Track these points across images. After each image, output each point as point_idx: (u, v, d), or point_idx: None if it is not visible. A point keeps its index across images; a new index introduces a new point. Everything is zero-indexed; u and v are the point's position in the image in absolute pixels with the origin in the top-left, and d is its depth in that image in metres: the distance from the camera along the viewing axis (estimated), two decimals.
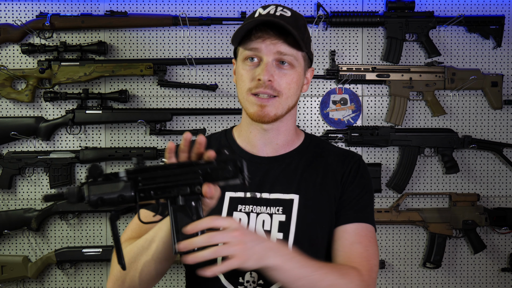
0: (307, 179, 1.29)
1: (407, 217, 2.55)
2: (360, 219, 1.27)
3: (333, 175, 1.30)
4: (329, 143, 1.41)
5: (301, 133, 1.38)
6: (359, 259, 1.21)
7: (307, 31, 1.26)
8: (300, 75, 1.25)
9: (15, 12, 2.56)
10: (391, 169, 2.61)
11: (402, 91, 2.56)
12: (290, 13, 1.22)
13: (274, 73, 1.20)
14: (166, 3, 2.57)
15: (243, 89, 1.23)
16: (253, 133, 1.30)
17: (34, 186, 2.58)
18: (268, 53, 1.19)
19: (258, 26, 1.19)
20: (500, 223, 2.57)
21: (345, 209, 1.27)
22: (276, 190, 1.26)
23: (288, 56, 1.20)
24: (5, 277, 2.49)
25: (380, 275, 2.64)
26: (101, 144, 2.58)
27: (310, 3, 2.59)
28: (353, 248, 1.22)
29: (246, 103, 1.24)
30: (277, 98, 1.22)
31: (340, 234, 1.25)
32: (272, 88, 1.20)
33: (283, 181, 1.27)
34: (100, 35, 2.57)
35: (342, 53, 2.61)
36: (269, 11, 1.21)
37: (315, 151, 1.35)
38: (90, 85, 2.57)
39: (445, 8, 2.61)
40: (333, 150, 1.36)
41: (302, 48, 1.21)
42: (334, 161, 1.32)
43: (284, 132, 1.30)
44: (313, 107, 2.61)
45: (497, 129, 2.64)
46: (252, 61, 1.21)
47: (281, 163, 1.30)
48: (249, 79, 1.22)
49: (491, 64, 2.63)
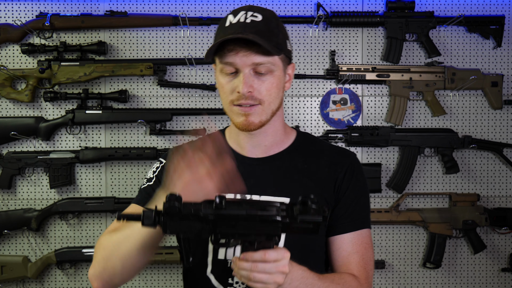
0: (298, 182, 1.27)
1: (407, 217, 2.55)
2: (357, 226, 1.29)
3: (327, 179, 1.28)
4: (322, 141, 1.39)
5: (292, 132, 1.37)
6: (357, 268, 1.25)
7: (281, 31, 1.24)
8: (280, 78, 1.23)
9: (15, 12, 2.56)
10: (391, 169, 2.61)
11: (402, 91, 2.56)
12: (261, 17, 1.19)
13: (253, 83, 1.19)
14: (166, 3, 2.57)
15: (225, 100, 1.23)
16: (241, 136, 1.31)
17: (34, 186, 2.58)
18: (244, 65, 1.18)
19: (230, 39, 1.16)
20: (500, 223, 2.57)
21: (342, 218, 1.28)
22: (267, 192, 1.25)
23: (264, 66, 1.18)
24: (5, 277, 2.49)
25: (380, 275, 2.64)
26: (101, 144, 2.58)
27: (310, 3, 2.59)
28: (350, 259, 1.26)
29: (230, 113, 1.24)
30: (259, 105, 1.21)
31: (338, 245, 1.28)
32: (253, 98, 1.19)
33: (274, 184, 1.26)
34: (100, 35, 2.57)
35: (342, 53, 2.61)
36: (239, 19, 1.18)
37: (307, 150, 1.33)
38: (90, 85, 2.57)
39: (445, 8, 2.61)
40: (327, 150, 1.35)
41: (277, 53, 1.19)
42: (327, 163, 1.31)
43: (271, 134, 1.30)
44: (313, 107, 2.61)
45: (497, 129, 2.64)
46: (230, 72, 1.20)
47: (271, 164, 1.29)
48: (230, 91, 1.21)
49: (491, 64, 2.63)
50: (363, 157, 2.61)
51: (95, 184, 2.58)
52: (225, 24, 1.20)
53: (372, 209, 2.56)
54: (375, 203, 2.62)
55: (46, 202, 2.57)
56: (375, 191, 2.56)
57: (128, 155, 2.50)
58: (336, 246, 1.28)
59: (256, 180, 1.27)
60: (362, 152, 2.61)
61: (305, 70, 2.60)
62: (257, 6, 1.24)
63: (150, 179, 1.33)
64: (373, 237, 2.63)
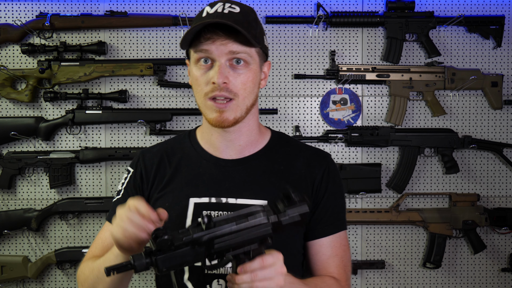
0: (275, 184, 1.24)
1: (407, 217, 2.55)
2: (335, 229, 1.27)
3: (304, 182, 1.26)
4: (297, 141, 1.36)
5: (266, 131, 1.33)
6: (337, 270, 1.25)
7: (259, 25, 1.22)
8: (256, 72, 1.20)
9: (15, 12, 2.56)
10: (391, 169, 2.61)
11: (402, 91, 2.56)
12: (239, 9, 1.17)
13: (228, 74, 1.15)
14: (166, 3, 2.57)
15: (199, 93, 1.19)
16: (214, 135, 1.26)
17: (34, 186, 2.58)
18: (220, 54, 1.15)
19: (207, 27, 1.14)
20: (500, 223, 2.57)
21: (321, 223, 1.26)
22: (243, 195, 1.22)
23: (242, 54, 1.15)
24: (5, 277, 2.49)
25: (380, 275, 2.64)
26: (101, 144, 2.58)
27: (310, 3, 2.59)
28: (330, 262, 1.26)
29: (204, 108, 1.20)
30: (233, 101, 1.17)
31: (316, 249, 1.26)
32: (227, 90, 1.15)
33: (250, 186, 1.23)
34: (100, 35, 2.57)
35: (342, 53, 2.61)
36: (217, 9, 1.16)
37: (283, 151, 1.30)
38: (90, 85, 2.57)
39: (445, 8, 2.61)
40: (303, 150, 1.31)
41: (254, 44, 1.16)
42: (304, 164, 1.28)
43: (246, 133, 1.26)
44: (313, 107, 2.61)
45: (497, 129, 2.64)
46: (205, 63, 1.17)
47: (246, 166, 1.25)
48: (204, 83, 1.17)
49: (491, 64, 2.63)
50: (363, 157, 2.61)
51: (95, 184, 2.58)
52: (202, 15, 1.18)
53: (372, 209, 2.56)
54: (375, 203, 2.62)
55: (46, 202, 2.57)
56: (375, 191, 2.56)
57: (128, 155, 2.50)
58: (315, 250, 1.26)
59: (231, 183, 1.23)
60: (362, 152, 2.61)
61: (305, 70, 2.60)
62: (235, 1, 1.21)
63: (119, 191, 1.30)
64: (373, 237, 2.63)
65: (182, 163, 1.27)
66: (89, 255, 1.27)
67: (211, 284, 1.20)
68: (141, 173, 1.28)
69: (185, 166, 1.27)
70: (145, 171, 1.28)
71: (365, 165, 2.56)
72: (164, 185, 1.26)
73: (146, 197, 1.26)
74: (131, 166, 1.32)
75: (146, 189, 1.27)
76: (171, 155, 1.29)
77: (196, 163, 1.27)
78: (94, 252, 1.26)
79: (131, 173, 1.30)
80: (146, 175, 1.27)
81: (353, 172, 2.54)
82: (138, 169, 1.29)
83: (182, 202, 1.22)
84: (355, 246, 2.63)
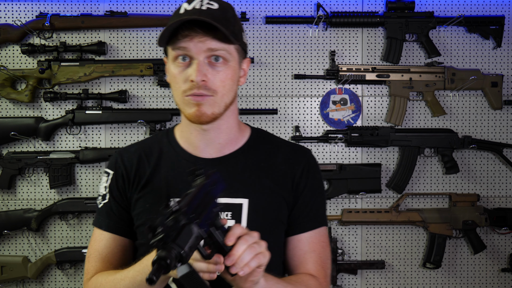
0: (256, 182, 1.23)
1: (407, 217, 2.55)
2: (315, 225, 1.26)
3: (284, 178, 1.25)
4: (277, 137, 1.34)
5: (246, 129, 1.31)
6: (315, 267, 1.23)
7: (238, 22, 1.20)
8: (235, 70, 1.18)
9: (15, 12, 2.56)
10: (391, 169, 2.61)
11: (402, 91, 2.56)
12: (218, 5, 1.15)
13: (207, 72, 1.13)
14: (166, 3, 2.57)
15: (178, 91, 1.16)
16: (194, 134, 1.24)
17: (34, 187, 2.58)
18: (198, 51, 1.12)
19: (184, 25, 1.12)
20: (500, 224, 2.57)
21: (300, 218, 1.25)
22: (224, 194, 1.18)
23: (220, 51, 1.13)
24: (5, 278, 2.49)
25: (380, 275, 2.64)
26: (101, 144, 2.58)
27: (310, 3, 2.59)
28: (307, 257, 1.24)
29: (182, 105, 1.17)
30: (212, 97, 1.15)
31: (294, 244, 1.25)
32: (206, 88, 1.13)
33: (231, 185, 1.19)
34: (100, 35, 2.57)
35: (342, 53, 2.61)
36: (195, 6, 1.14)
37: (263, 147, 1.28)
38: (90, 85, 2.57)
39: (445, 8, 2.61)
40: (283, 147, 1.30)
41: (233, 41, 1.14)
42: (284, 160, 1.27)
43: (225, 130, 1.24)
44: (313, 107, 2.61)
45: (497, 129, 2.64)
46: (183, 61, 1.14)
47: (226, 164, 1.23)
48: (182, 81, 1.15)
49: (491, 64, 2.63)
50: (363, 157, 2.61)
51: (95, 184, 2.58)
52: (180, 11, 1.16)
53: (372, 209, 2.56)
54: (375, 203, 2.62)
55: (46, 202, 2.57)
56: (375, 191, 2.56)
57: None
58: (293, 245, 1.25)
59: None
60: (362, 152, 2.61)
61: (305, 70, 2.60)
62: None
63: (104, 195, 1.27)
64: (373, 237, 2.63)
65: (161, 162, 1.25)
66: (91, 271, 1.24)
67: None
68: (122, 174, 1.26)
69: (165, 166, 1.24)
70: (125, 172, 1.25)
71: (365, 165, 2.56)
72: (143, 185, 1.23)
73: (128, 198, 1.25)
74: (109, 168, 1.29)
75: (129, 190, 1.25)
76: (149, 155, 1.27)
77: (175, 162, 1.25)
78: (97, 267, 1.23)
79: (112, 175, 1.27)
80: (127, 175, 1.25)
81: (353, 172, 2.54)
82: (119, 171, 1.26)
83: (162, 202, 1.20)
84: (355, 246, 2.63)
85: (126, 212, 1.26)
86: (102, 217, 1.27)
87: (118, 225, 1.26)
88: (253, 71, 2.59)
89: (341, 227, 2.62)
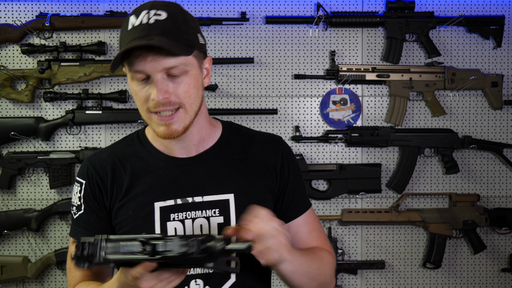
0: (238, 175, 1.22)
1: (407, 217, 2.55)
2: (305, 207, 1.31)
3: (265, 167, 1.25)
4: (248, 128, 1.33)
5: (217, 123, 1.29)
6: (321, 241, 1.31)
7: (190, 26, 1.13)
8: (197, 76, 1.14)
9: (15, 12, 2.56)
10: (391, 169, 2.61)
11: (402, 91, 2.56)
12: (166, 14, 1.09)
13: (168, 87, 1.09)
14: None
15: (141, 108, 1.13)
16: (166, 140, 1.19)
17: (34, 187, 2.58)
18: (154, 71, 1.07)
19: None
20: (500, 224, 2.57)
21: (292, 204, 1.28)
22: (209, 192, 1.19)
23: (177, 68, 1.09)
24: (5, 278, 2.49)
25: (380, 275, 2.64)
26: (101, 144, 2.58)
27: (310, 3, 2.59)
28: (311, 237, 1.30)
29: (149, 122, 1.14)
30: (180, 109, 1.12)
31: (295, 229, 1.28)
32: (171, 103, 1.10)
33: (214, 182, 1.20)
34: (100, 35, 2.57)
35: (342, 53, 2.61)
36: (142, 21, 1.08)
37: (238, 140, 1.27)
38: (90, 85, 2.57)
39: (445, 8, 2.61)
40: (256, 137, 1.29)
41: (187, 52, 1.09)
42: (261, 150, 1.26)
43: (197, 132, 1.21)
44: (313, 107, 2.61)
45: (497, 129, 2.64)
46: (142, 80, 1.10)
47: (206, 161, 1.22)
48: (144, 99, 1.11)
49: (491, 64, 2.63)
50: (363, 157, 2.61)
51: None
52: (127, 27, 1.10)
53: (372, 209, 2.56)
54: (375, 203, 2.62)
55: (46, 202, 2.57)
56: (375, 191, 2.56)
57: None
58: (295, 230, 1.27)
59: (194, 181, 1.20)
60: (362, 152, 2.61)
61: (305, 70, 2.60)
62: (160, 2, 1.12)
63: (79, 206, 1.23)
64: (373, 237, 2.63)
65: (138, 167, 1.21)
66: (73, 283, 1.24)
67: (189, 285, 1.17)
68: (97, 183, 1.21)
69: (143, 171, 1.21)
70: (100, 181, 1.21)
71: (365, 165, 2.56)
72: (124, 193, 1.20)
73: (107, 208, 1.22)
74: (80, 177, 1.24)
75: (107, 199, 1.21)
76: (123, 160, 1.22)
77: (153, 165, 1.22)
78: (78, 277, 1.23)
79: (85, 184, 1.22)
80: (102, 184, 1.21)
81: (353, 172, 2.54)
82: (93, 179, 1.22)
83: (146, 208, 1.18)
84: (355, 246, 2.63)
85: (103, 221, 1.23)
86: (79, 228, 1.23)
87: None
88: (253, 71, 2.59)
89: (341, 227, 2.62)
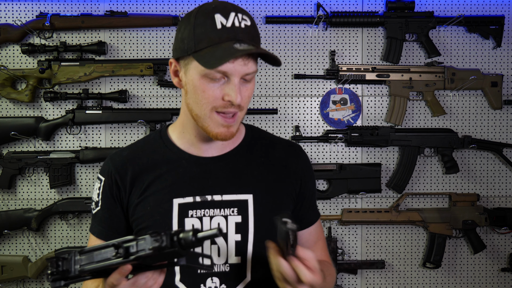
0: (258, 176, 1.24)
1: (407, 217, 2.55)
2: (317, 217, 1.34)
3: (286, 171, 1.26)
4: (267, 132, 1.35)
5: (240, 125, 1.31)
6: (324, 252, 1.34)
7: None
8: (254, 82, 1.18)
9: (15, 12, 2.56)
10: (391, 169, 2.62)
11: (402, 91, 2.57)
12: (250, 21, 1.11)
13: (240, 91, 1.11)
14: (166, 3, 2.57)
15: (204, 105, 1.12)
16: (198, 137, 1.22)
17: (34, 186, 2.58)
18: (238, 73, 1.09)
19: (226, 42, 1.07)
20: (500, 223, 2.57)
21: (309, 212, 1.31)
22: (228, 191, 1.20)
23: (251, 75, 1.12)
24: (5, 277, 2.49)
25: (380, 275, 2.64)
26: (101, 144, 2.58)
27: (310, 3, 2.59)
28: (317, 246, 1.33)
29: (208, 121, 1.14)
30: (238, 113, 1.14)
31: (306, 237, 1.31)
32: (239, 106, 1.12)
33: (234, 181, 1.22)
34: (100, 35, 2.58)
35: (342, 53, 2.61)
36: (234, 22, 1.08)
37: (260, 143, 1.29)
38: (90, 85, 2.57)
39: (445, 8, 2.61)
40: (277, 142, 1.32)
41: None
42: (283, 155, 1.28)
43: None
44: (313, 107, 2.61)
45: (497, 129, 2.64)
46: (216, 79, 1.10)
47: (228, 162, 1.24)
48: (214, 97, 1.11)
49: (491, 64, 2.63)
50: (363, 157, 2.61)
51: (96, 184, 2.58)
52: (216, 25, 1.08)
53: (372, 209, 2.56)
54: (375, 203, 2.62)
55: (46, 202, 2.57)
56: (375, 191, 2.56)
57: None
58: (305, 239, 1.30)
59: (215, 180, 1.22)
60: (362, 152, 2.61)
61: (305, 70, 2.60)
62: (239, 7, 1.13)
63: (97, 203, 1.26)
64: (373, 237, 2.64)
65: (159, 165, 1.23)
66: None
67: (205, 283, 1.19)
68: (116, 180, 1.23)
69: (164, 168, 1.23)
70: (119, 178, 1.23)
71: (365, 165, 2.56)
72: (143, 190, 1.21)
73: (125, 205, 1.23)
74: (102, 174, 1.26)
75: (125, 196, 1.23)
76: (143, 158, 1.24)
77: (174, 163, 1.23)
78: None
79: (104, 181, 1.25)
80: (121, 182, 1.23)
81: (353, 172, 2.54)
82: (112, 177, 1.24)
83: (165, 204, 1.19)
84: (355, 246, 2.63)
85: (117, 218, 1.25)
86: (95, 223, 1.27)
87: (109, 233, 1.25)
88: None
89: (341, 227, 2.62)
